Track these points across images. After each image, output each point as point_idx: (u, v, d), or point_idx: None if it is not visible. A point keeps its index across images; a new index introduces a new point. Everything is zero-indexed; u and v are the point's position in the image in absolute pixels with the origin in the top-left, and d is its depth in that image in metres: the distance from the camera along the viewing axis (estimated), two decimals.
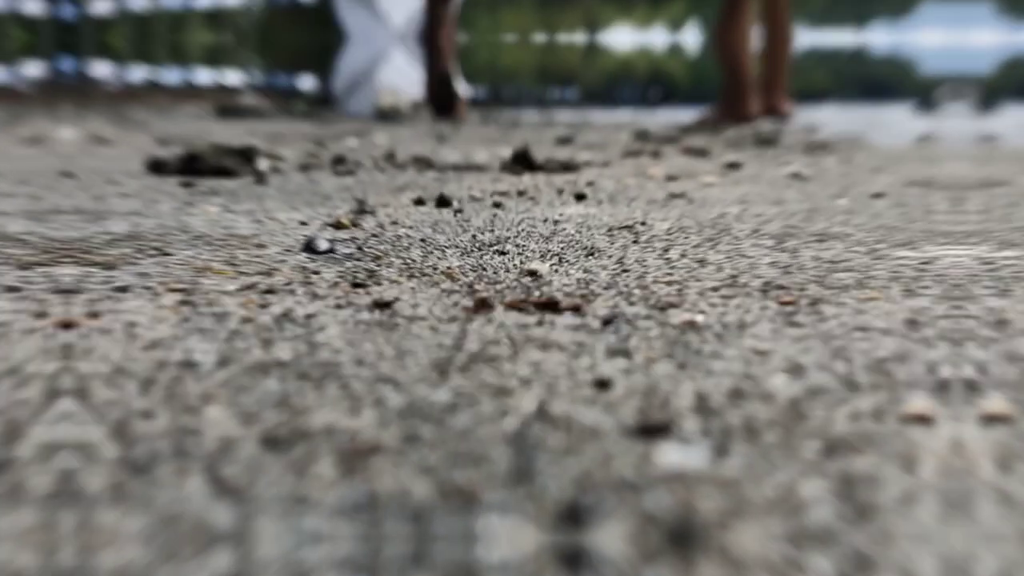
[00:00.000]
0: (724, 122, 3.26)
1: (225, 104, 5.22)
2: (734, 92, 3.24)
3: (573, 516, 0.34)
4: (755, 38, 3.43)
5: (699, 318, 0.58)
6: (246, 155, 1.47)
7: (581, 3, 6.85)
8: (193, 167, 1.40)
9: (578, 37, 7.58)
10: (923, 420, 0.44)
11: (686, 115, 3.84)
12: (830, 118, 6.86)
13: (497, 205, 1.12)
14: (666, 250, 0.82)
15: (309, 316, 0.58)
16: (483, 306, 0.64)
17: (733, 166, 1.73)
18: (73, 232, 0.87)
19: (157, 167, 1.46)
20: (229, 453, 0.40)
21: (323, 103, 7.05)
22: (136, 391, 0.46)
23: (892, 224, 0.98)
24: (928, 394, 0.47)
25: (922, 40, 7.29)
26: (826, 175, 1.59)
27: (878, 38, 7.72)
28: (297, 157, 1.93)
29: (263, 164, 1.52)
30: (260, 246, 0.81)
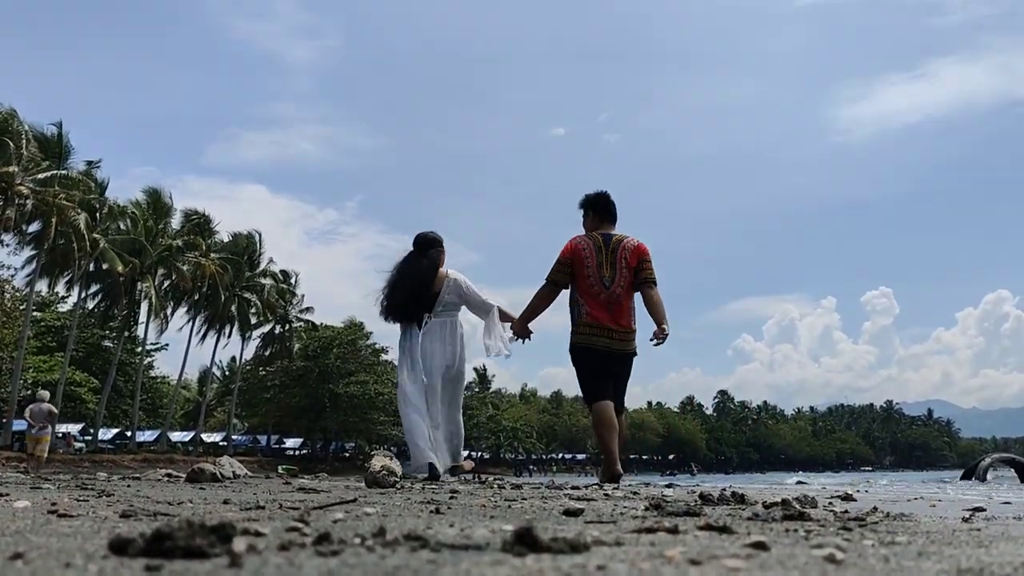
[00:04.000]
0: (607, 479, 5.51)
1: (201, 467, 5.28)
2: (609, 462, 5.60)
3: None
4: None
5: None
6: (221, 533, 1.47)
7: None
8: (162, 547, 1.39)
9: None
10: None
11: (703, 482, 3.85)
12: (865, 485, 6.86)
13: None
14: None
15: None
16: None
17: (759, 546, 1.71)
18: None
19: (120, 547, 1.46)
20: None
21: (308, 465, 7.15)
22: None
23: None
24: None
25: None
26: (865, 560, 1.57)
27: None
28: (277, 533, 1.93)
29: (239, 544, 1.51)
30: None
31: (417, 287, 6.25)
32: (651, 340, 5.73)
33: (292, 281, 62.20)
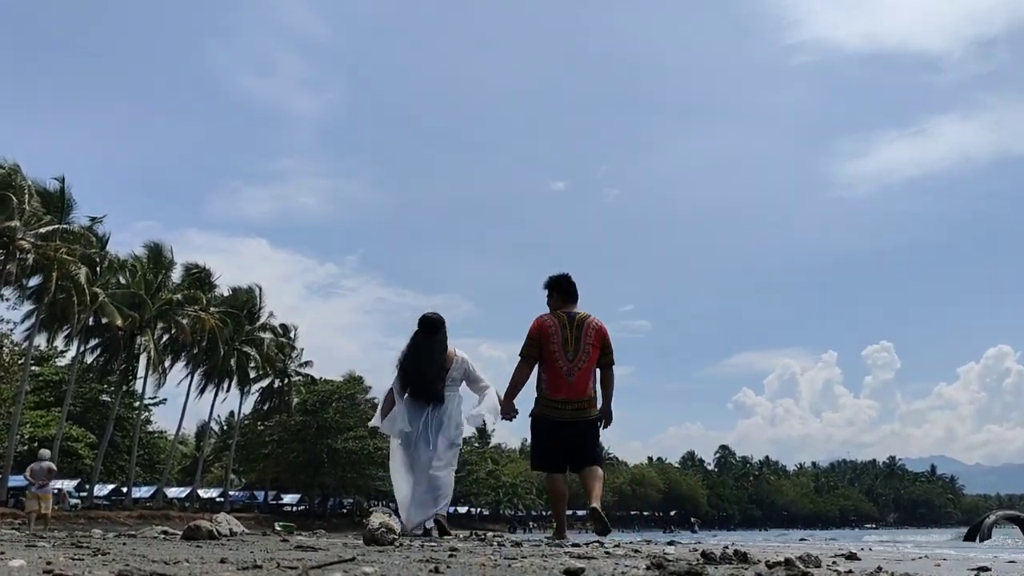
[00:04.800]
0: (557, 539, 6.05)
1: (198, 524, 5.23)
2: (559, 526, 6.35)
3: None
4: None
5: None
6: None
7: None
8: None
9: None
10: None
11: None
12: (870, 544, 6.79)
13: None
14: None
15: None
16: None
17: None
18: None
19: None
20: None
21: (306, 521, 7.15)
22: None
23: None
24: None
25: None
26: None
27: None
28: None
29: None
30: None
31: (438, 369, 6.98)
32: (598, 422, 6.48)
33: (291, 335, 62.07)
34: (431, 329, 7.10)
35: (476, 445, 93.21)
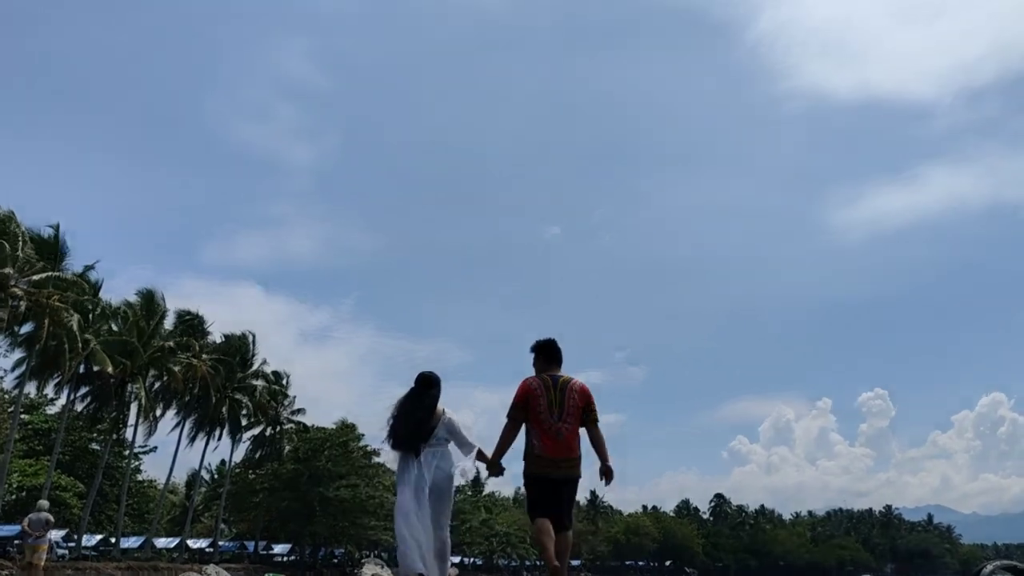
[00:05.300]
0: None
1: None
2: (547, 559, 6.29)
3: None
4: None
5: None
6: None
7: None
8: None
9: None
10: None
11: None
12: None
13: None
14: None
15: None
16: None
17: None
18: None
19: None
20: None
21: (296, 572, 7.03)
22: None
23: None
24: None
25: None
26: None
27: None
28: None
29: None
30: None
31: (417, 424, 7.35)
32: (601, 479, 6.72)
33: (284, 382, 61.66)
34: (424, 385, 7.54)
35: (470, 494, 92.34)
